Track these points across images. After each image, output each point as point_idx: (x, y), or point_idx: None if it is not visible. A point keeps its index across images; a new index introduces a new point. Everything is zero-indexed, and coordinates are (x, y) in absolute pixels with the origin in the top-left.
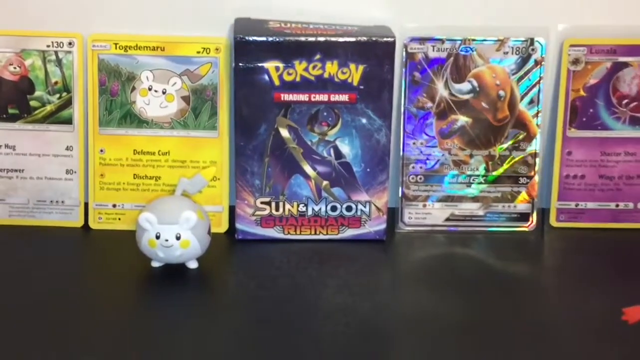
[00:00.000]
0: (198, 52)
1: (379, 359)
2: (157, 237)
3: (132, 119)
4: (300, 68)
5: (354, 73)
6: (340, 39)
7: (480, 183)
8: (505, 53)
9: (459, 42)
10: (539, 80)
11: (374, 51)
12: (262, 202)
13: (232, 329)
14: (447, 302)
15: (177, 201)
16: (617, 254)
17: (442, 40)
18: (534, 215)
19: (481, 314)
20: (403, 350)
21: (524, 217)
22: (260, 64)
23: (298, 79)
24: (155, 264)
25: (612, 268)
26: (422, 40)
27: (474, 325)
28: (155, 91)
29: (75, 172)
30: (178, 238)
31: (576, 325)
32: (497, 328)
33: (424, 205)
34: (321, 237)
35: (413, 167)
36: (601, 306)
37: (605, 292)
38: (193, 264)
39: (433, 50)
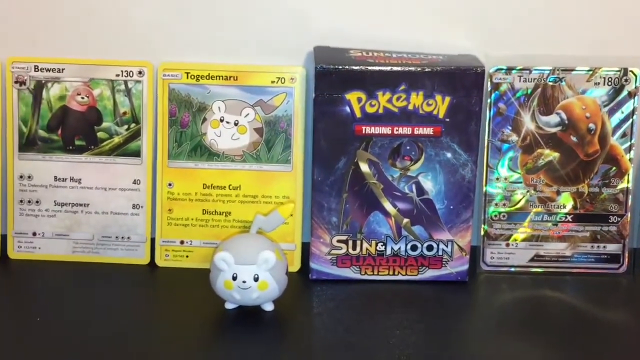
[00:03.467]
0: (272, 82)
1: None
2: (234, 279)
3: (203, 151)
4: (383, 99)
5: (440, 105)
6: (428, 69)
7: (567, 222)
8: (597, 84)
9: (547, 72)
10: (633, 113)
11: (461, 82)
12: (338, 241)
13: None
14: (535, 350)
15: (254, 240)
16: None
17: (529, 70)
18: (626, 256)
19: None
20: None
21: (614, 258)
22: (341, 95)
23: (381, 110)
24: (229, 306)
25: None
26: (508, 69)
27: None
28: (227, 122)
29: (142, 206)
30: (256, 279)
31: None
32: None
33: (507, 245)
34: (400, 278)
35: (496, 204)
36: None
37: None
38: (269, 307)
39: (519, 81)
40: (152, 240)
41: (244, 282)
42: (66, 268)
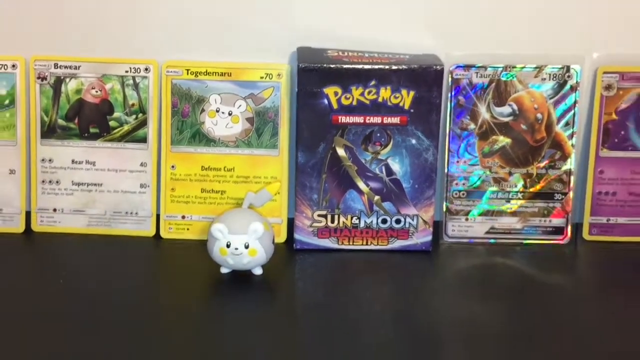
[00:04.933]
0: (261, 78)
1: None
2: (228, 246)
3: (201, 138)
4: (356, 93)
5: (406, 98)
6: (395, 67)
7: (518, 199)
8: (543, 79)
9: (501, 68)
10: (574, 104)
11: (424, 78)
12: (319, 215)
13: (306, 331)
14: (489, 309)
15: (245, 213)
16: None
17: (485, 67)
18: (569, 229)
19: (519, 320)
20: (450, 350)
21: (558, 230)
22: (320, 89)
23: (354, 103)
24: (224, 270)
25: None
26: (466, 67)
27: (513, 330)
28: (222, 113)
29: (148, 186)
30: (247, 247)
31: (606, 329)
32: (535, 333)
33: (466, 219)
34: (372, 247)
35: (456, 184)
36: (631, 313)
37: (635, 301)
38: (258, 271)
39: (476, 76)
40: (157, 216)
41: (236, 249)
42: (82, 239)
